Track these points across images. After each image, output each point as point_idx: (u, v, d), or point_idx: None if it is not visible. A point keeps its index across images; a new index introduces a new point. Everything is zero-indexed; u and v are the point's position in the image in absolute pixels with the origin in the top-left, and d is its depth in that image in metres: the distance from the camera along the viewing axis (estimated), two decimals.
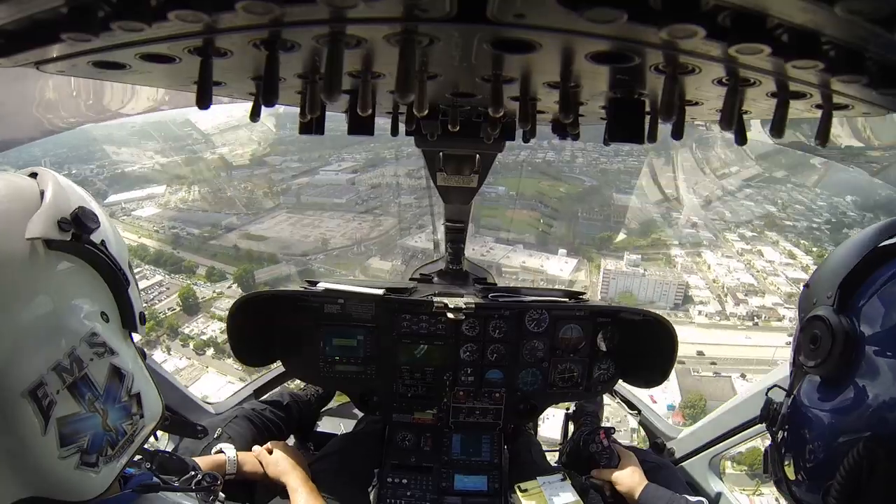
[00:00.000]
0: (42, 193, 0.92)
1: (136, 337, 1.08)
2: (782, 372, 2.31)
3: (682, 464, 2.83)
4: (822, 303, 0.85)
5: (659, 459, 2.65)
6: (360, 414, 3.06)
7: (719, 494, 2.68)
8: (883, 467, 0.69)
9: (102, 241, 0.98)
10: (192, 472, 1.50)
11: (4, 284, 0.82)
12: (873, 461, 0.69)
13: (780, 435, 0.92)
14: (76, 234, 0.91)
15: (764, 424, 0.99)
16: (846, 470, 0.72)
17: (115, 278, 0.98)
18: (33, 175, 0.98)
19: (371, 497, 2.63)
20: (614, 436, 2.62)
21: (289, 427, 2.80)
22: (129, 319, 1.01)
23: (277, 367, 3.14)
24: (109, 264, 0.96)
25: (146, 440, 1.06)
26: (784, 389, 0.95)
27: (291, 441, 2.86)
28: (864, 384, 0.75)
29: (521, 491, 2.36)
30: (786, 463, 0.88)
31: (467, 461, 2.77)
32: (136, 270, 1.10)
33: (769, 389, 1.01)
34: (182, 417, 2.41)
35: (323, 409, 3.25)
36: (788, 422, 0.90)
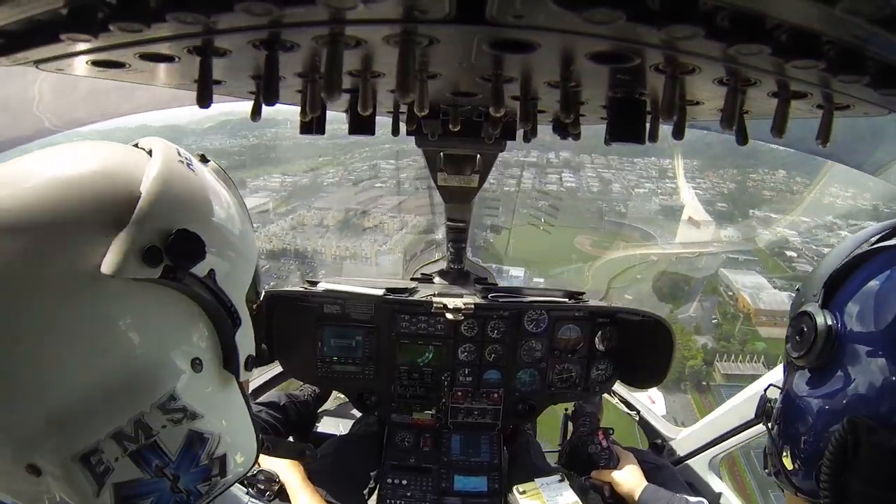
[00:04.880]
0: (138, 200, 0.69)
1: None
2: (779, 373, 2.32)
3: (682, 464, 2.83)
4: (808, 301, 0.92)
5: (658, 460, 2.64)
6: (359, 414, 3.06)
7: (719, 494, 2.68)
8: (866, 440, 0.73)
9: (211, 270, 0.76)
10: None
11: (64, 321, 0.65)
12: (857, 436, 0.74)
13: (775, 428, 0.97)
14: (170, 266, 0.69)
15: (762, 422, 1.04)
16: (833, 447, 0.77)
17: (219, 318, 0.78)
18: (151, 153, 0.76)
19: (369, 498, 2.63)
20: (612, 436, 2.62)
21: (286, 428, 2.79)
22: (231, 363, 0.82)
23: (276, 368, 3.14)
24: (214, 302, 0.76)
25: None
26: (779, 388, 1.00)
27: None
28: (847, 371, 0.81)
29: (520, 492, 2.36)
30: (784, 455, 0.92)
31: (467, 462, 2.77)
32: None
33: (766, 388, 1.05)
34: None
35: (321, 410, 3.25)
36: (782, 414, 0.95)
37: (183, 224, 0.71)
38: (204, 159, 0.90)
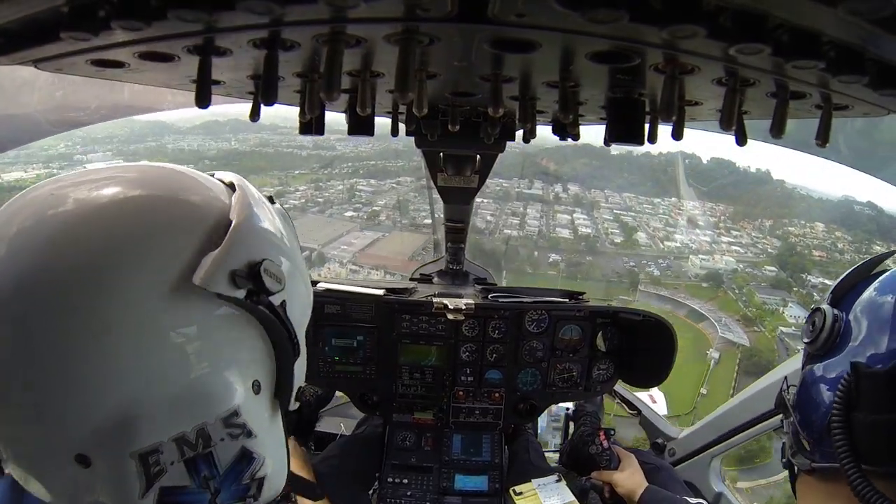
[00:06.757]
0: (228, 225, 0.75)
1: None
2: (783, 371, 2.32)
3: (683, 464, 2.83)
4: (820, 303, 1.05)
5: (658, 461, 2.64)
6: (361, 414, 3.06)
7: (720, 495, 2.68)
8: (864, 373, 0.83)
9: (283, 301, 0.81)
10: None
11: (149, 322, 0.68)
12: (858, 376, 0.83)
13: (792, 416, 1.05)
14: (252, 290, 0.75)
15: (781, 410, 1.11)
16: (840, 392, 0.85)
17: (283, 348, 0.82)
18: (232, 186, 0.82)
19: (372, 499, 2.63)
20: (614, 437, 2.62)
21: (288, 428, 2.77)
22: (283, 392, 0.86)
23: None
24: (283, 331, 0.81)
25: None
26: (795, 385, 1.08)
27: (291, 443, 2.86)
28: (848, 353, 0.94)
29: (516, 494, 2.35)
30: (800, 435, 1.01)
31: (468, 461, 2.77)
32: None
33: (784, 381, 1.13)
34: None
35: (322, 410, 3.25)
36: (797, 400, 1.04)
37: (267, 256, 0.77)
38: (272, 200, 0.94)
